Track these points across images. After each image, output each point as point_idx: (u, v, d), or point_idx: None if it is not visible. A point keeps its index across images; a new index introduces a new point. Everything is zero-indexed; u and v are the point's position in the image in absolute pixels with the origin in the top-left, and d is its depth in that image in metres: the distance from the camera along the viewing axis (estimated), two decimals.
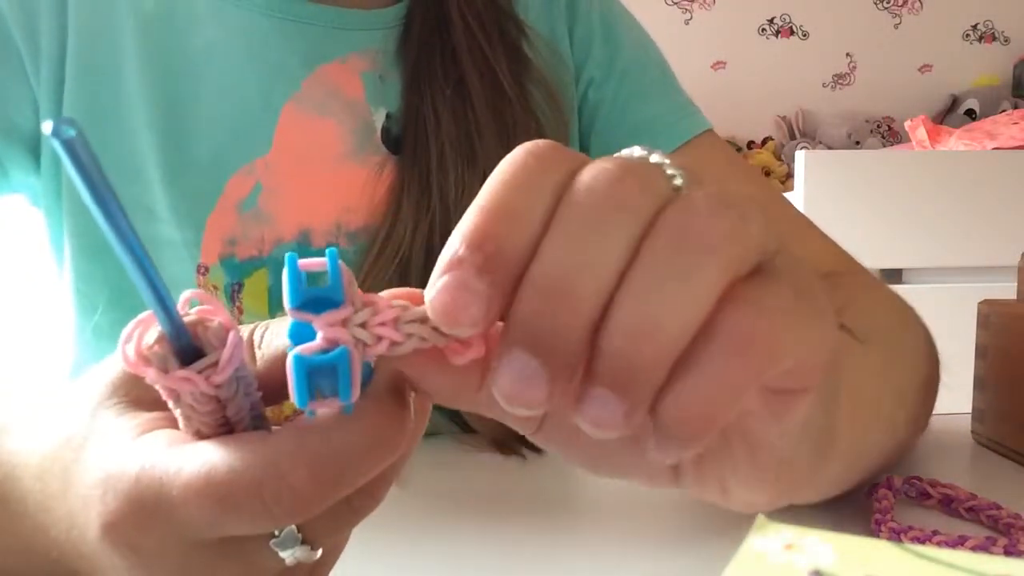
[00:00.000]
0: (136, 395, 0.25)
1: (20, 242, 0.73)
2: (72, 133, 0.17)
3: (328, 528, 0.24)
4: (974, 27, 3.07)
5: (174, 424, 0.24)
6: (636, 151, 0.23)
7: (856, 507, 0.39)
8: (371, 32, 0.59)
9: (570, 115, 0.60)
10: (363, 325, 0.21)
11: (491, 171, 0.22)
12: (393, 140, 0.57)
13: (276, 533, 0.23)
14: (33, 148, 0.56)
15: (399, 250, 0.53)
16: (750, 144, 3.02)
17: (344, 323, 0.20)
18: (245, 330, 0.25)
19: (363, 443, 0.21)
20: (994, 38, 3.08)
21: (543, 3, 0.64)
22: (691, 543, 0.37)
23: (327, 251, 0.20)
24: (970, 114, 2.81)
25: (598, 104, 0.63)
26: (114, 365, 0.26)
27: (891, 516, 0.37)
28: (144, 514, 0.22)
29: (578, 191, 0.21)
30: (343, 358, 0.20)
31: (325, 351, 0.20)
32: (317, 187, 0.56)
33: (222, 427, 0.23)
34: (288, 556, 0.23)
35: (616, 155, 0.23)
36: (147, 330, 0.21)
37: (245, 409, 0.23)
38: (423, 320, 0.21)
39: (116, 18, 0.56)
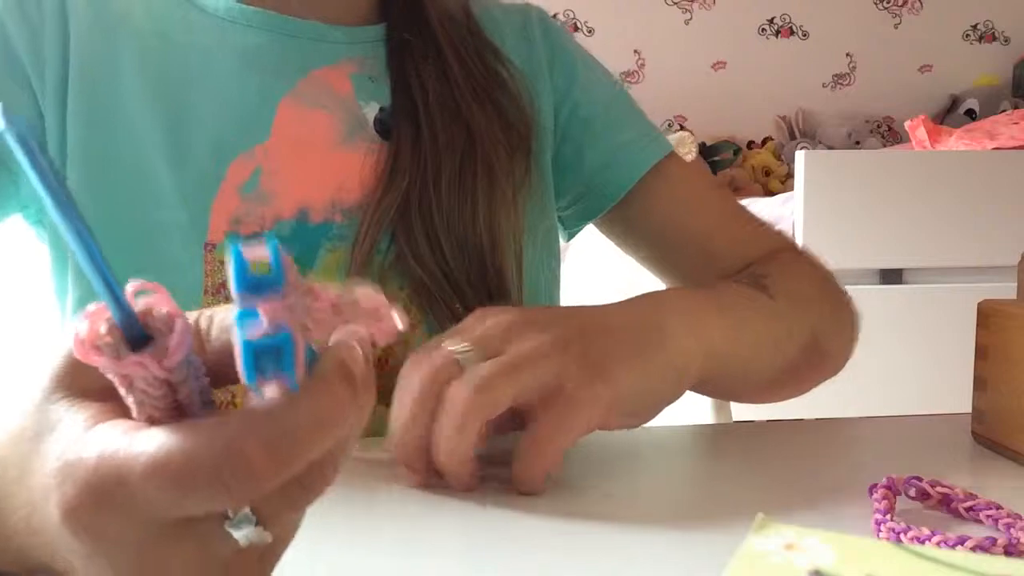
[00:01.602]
0: (81, 386, 0.26)
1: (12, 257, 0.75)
2: (18, 124, 0.18)
3: (280, 508, 0.25)
4: (974, 27, 3.07)
5: (125, 414, 0.24)
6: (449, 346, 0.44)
7: (856, 507, 0.39)
8: (359, 45, 0.64)
9: (531, 129, 0.66)
10: (305, 311, 0.22)
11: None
12: (386, 130, 0.61)
13: (230, 515, 0.24)
14: None
15: (386, 218, 0.57)
16: (750, 144, 3.02)
17: (286, 308, 0.22)
18: (190, 317, 0.26)
19: (312, 420, 0.23)
20: (994, 38, 3.08)
21: (520, 34, 0.70)
22: (691, 543, 0.37)
23: (268, 241, 0.22)
24: (970, 114, 2.81)
25: (580, 123, 0.70)
26: (54, 357, 0.26)
27: (891, 516, 0.37)
28: (104, 499, 0.23)
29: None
30: (287, 341, 0.21)
31: (270, 335, 0.21)
32: (313, 169, 0.59)
33: (174, 411, 0.24)
34: (242, 537, 0.24)
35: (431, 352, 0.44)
36: (97, 322, 0.22)
37: (195, 393, 0.24)
38: (356, 307, 0.23)
39: (115, 33, 0.59)
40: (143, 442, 0.23)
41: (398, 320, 0.24)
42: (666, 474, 0.47)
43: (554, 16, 2.94)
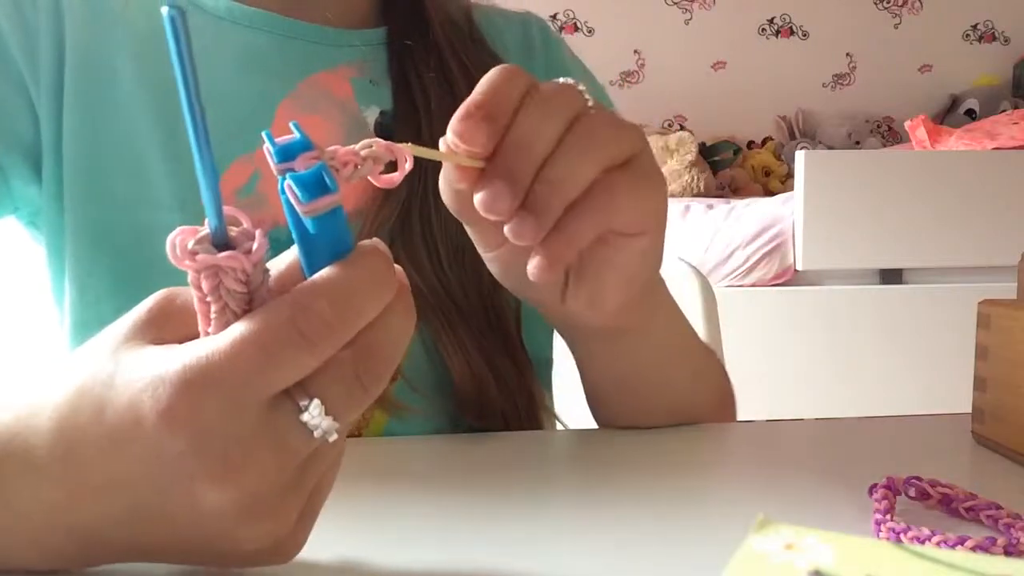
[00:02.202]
0: (151, 338, 0.28)
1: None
2: (177, 9, 0.24)
3: (347, 401, 0.28)
4: (974, 27, 3.07)
5: None
6: (569, 80, 0.38)
7: (856, 507, 0.39)
8: (359, 48, 0.63)
9: None
10: (332, 156, 0.27)
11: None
12: (387, 134, 0.60)
13: (304, 406, 0.27)
14: (34, 159, 0.57)
15: (386, 225, 0.57)
16: (750, 144, 3.02)
17: (316, 158, 0.27)
18: None
19: (364, 277, 0.27)
20: (994, 38, 3.08)
21: (521, 42, 0.70)
22: (691, 543, 0.37)
23: (291, 123, 0.28)
24: (970, 114, 2.81)
25: None
26: (126, 320, 0.29)
27: (891, 516, 0.37)
28: (198, 387, 0.26)
29: (537, 94, 0.35)
30: (323, 166, 0.27)
31: (311, 170, 0.27)
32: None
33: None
34: (315, 426, 0.27)
35: (558, 80, 0.37)
36: (189, 236, 0.27)
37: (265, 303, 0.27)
38: (371, 151, 0.28)
39: (111, 36, 0.58)
40: (224, 334, 0.26)
41: (408, 163, 0.29)
42: (666, 474, 0.47)
43: (554, 16, 2.95)
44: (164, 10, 0.24)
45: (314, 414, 0.27)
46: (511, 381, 0.58)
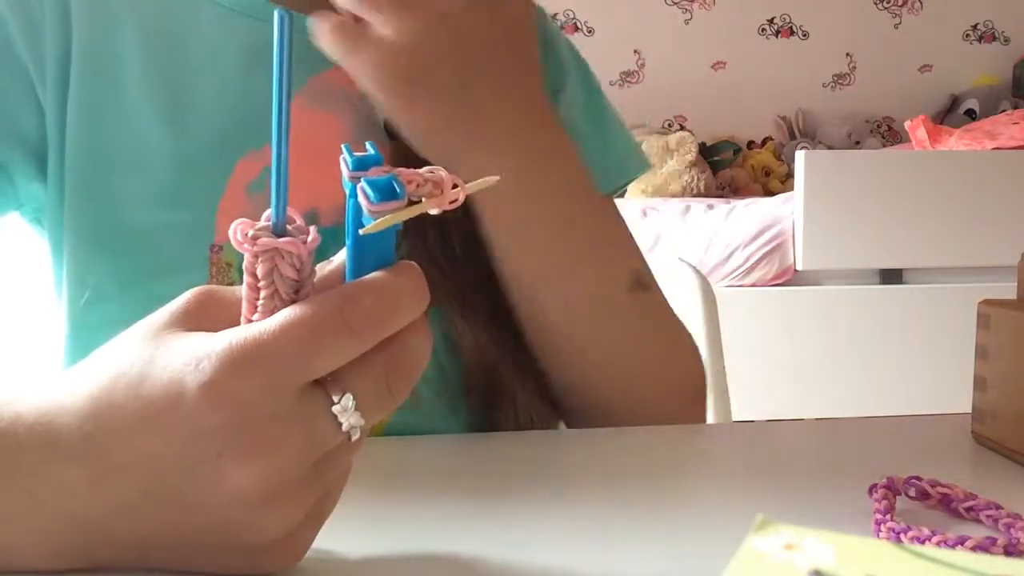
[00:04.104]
0: (190, 327, 0.29)
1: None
2: (285, 13, 0.28)
3: (375, 402, 0.29)
4: (974, 27, 3.07)
5: None
6: None
7: (856, 507, 0.39)
8: None
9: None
10: (397, 173, 0.30)
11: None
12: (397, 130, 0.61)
13: (336, 400, 0.28)
14: (39, 156, 0.57)
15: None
16: (750, 144, 3.02)
17: (387, 172, 0.29)
18: None
19: (406, 284, 0.29)
20: (994, 38, 3.08)
21: None
22: (691, 543, 0.37)
23: (367, 143, 0.31)
24: (970, 114, 2.81)
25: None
26: (163, 312, 0.30)
27: (891, 516, 0.37)
28: (243, 362, 0.27)
29: None
30: (394, 176, 0.29)
31: (382, 177, 0.29)
32: (323, 169, 0.59)
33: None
34: (345, 419, 0.28)
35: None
36: (249, 225, 0.29)
37: (312, 296, 0.29)
38: (430, 177, 0.30)
39: (118, 30, 0.58)
40: (271, 318, 0.28)
41: (461, 197, 0.31)
42: (666, 474, 0.47)
43: (554, 16, 2.94)
44: (276, 11, 0.27)
45: (346, 407, 0.28)
46: (523, 370, 0.58)
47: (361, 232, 0.29)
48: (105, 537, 0.30)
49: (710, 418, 0.80)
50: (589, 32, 2.96)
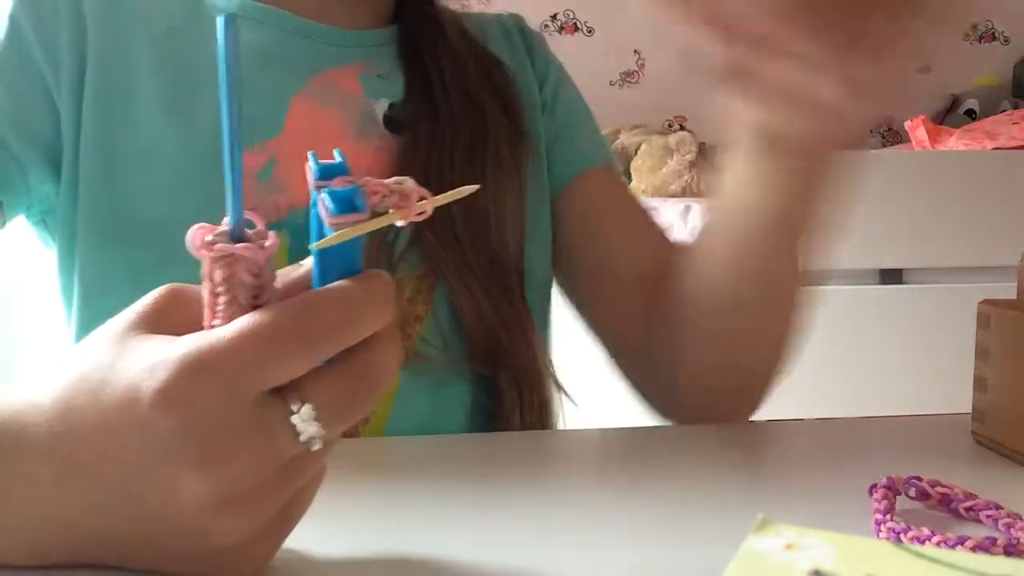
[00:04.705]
0: (154, 329, 0.29)
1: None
2: (230, 16, 0.27)
3: (336, 413, 0.29)
4: (974, 27, 3.07)
5: None
6: None
7: (856, 507, 0.39)
8: (368, 48, 0.65)
9: (527, 120, 0.68)
10: (364, 183, 0.29)
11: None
12: (396, 124, 0.63)
13: (295, 409, 0.28)
14: (53, 157, 0.59)
15: None
16: None
17: (351, 183, 0.29)
18: None
19: (369, 293, 0.29)
20: (994, 38, 3.08)
21: (502, 38, 0.72)
22: (691, 543, 0.37)
23: (335, 151, 0.30)
24: (970, 114, 2.81)
25: (549, 124, 0.72)
26: (129, 313, 0.30)
27: (891, 516, 0.37)
28: (198, 369, 0.27)
29: None
30: (357, 188, 0.29)
31: (346, 188, 0.29)
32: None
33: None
34: (302, 429, 0.28)
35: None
36: (208, 230, 0.29)
37: (273, 301, 0.29)
38: (396, 188, 0.30)
39: (131, 35, 0.60)
40: (229, 325, 0.27)
41: (428, 209, 0.30)
42: (666, 474, 0.47)
43: (554, 16, 2.95)
44: (219, 17, 0.27)
45: (304, 418, 0.28)
46: (517, 330, 0.61)
47: (313, 246, 0.29)
48: (73, 536, 0.30)
49: None
50: (589, 32, 2.96)
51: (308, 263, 0.30)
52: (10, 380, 0.32)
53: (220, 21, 0.27)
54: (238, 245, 0.28)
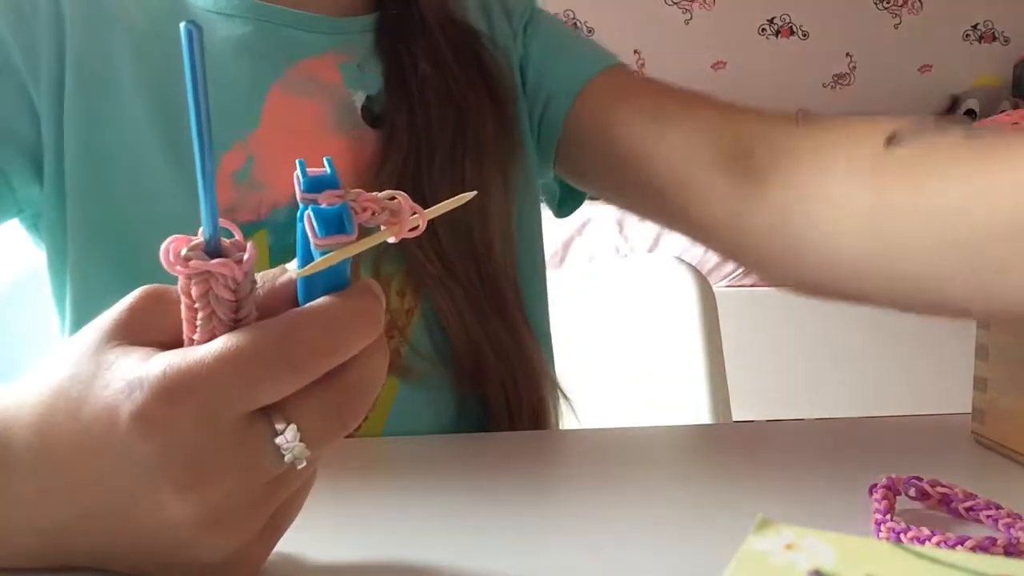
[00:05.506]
0: (134, 339, 0.28)
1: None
2: (194, 24, 0.26)
3: (322, 431, 0.28)
4: (974, 27, 3.07)
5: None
6: None
7: (856, 507, 0.39)
8: (346, 36, 0.64)
9: (515, 103, 0.66)
10: (354, 198, 0.28)
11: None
12: (373, 117, 0.62)
13: (279, 429, 0.27)
14: (35, 159, 0.58)
15: None
16: None
17: (340, 196, 0.28)
18: None
19: (356, 311, 0.28)
20: (994, 38, 3.08)
21: (479, 11, 0.69)
22: (691, 543, 0.37)
23: (324, 159, 0.29)
24: (970, 114, 2.81)
25: (537, 65, 0.68)
26: (108, 317, 0.29)
27: (891, 516, 0.37)
28: (177, 391, 0.26)
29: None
30: (345, 207, 0.27)
31: (333, 207, 0.27)
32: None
33: (234, 327, 0.27)
34: (287, 450, 0.27)
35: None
36: (182, 243, 0.27)
37: (252, 317, 0.28)
38: (387, 205, 0.29)
39: (110, 34, 0.59)
40: (209, 345, 0.26)
41: (422, 225, 0.29)
42: (666, 474, 0.47)
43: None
44: (182, 25, 0.26)
45: (288, 438, 0.27)
46: (508, 348, 0.59)
47: (297, 274, 0.28)
48: (62, 544, 0.30)
49: (710, 418, 0.80)
50: (589, 32, 2.96)
51: (292, 267, 0.29)
52: (10, 380, 0.32)
53: (183, 29, 0.25)
54: (214, 261, 0.27)
